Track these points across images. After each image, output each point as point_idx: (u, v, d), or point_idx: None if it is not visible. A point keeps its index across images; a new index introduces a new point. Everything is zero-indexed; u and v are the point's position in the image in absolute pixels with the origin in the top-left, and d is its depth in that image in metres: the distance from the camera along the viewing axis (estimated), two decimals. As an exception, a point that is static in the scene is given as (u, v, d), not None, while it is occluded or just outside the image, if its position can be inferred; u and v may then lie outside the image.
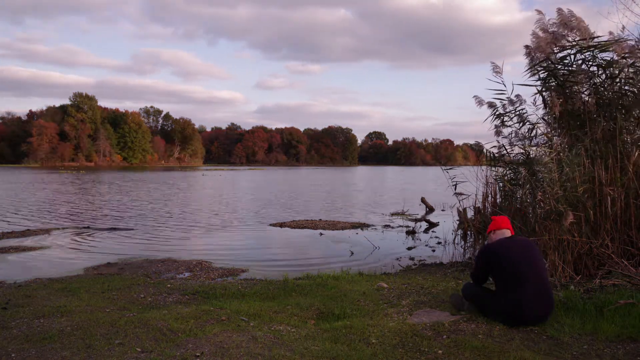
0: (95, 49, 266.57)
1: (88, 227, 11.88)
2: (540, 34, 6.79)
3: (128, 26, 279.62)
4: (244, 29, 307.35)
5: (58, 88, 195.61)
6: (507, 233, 4.28)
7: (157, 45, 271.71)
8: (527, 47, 7.02)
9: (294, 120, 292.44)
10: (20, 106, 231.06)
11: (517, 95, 7.43)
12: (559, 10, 6.62)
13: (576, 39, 6.63)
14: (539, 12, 6.86)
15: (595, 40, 6.45)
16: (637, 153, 6.11)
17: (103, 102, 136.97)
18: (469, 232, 9.87)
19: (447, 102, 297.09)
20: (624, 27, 6.54)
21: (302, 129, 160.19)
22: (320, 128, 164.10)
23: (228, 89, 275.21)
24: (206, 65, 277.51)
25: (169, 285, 5.83)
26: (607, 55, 6.47)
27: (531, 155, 6.93)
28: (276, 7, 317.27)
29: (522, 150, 7.38)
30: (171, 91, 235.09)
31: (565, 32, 6.65)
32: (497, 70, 7.27)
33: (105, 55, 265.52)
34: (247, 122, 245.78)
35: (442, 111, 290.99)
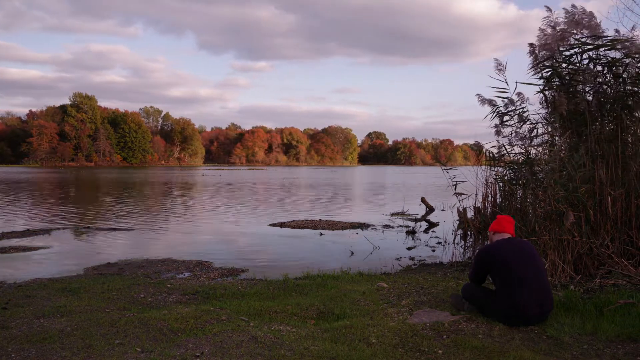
0: (28, 44, 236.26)
1: (88, 227, 11.88)
2: (549, 30, 6.69)
3: (51, 20, 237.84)
4: (180, 26, 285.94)
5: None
6: (507, 236, 4.28)
7: (95, 40, 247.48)
8: (531, 44, 6.95)
9: (271, 119, 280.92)
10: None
11: (519, 93, 7.41)
12: (571, 7, 6.48)
13: (584, 36, 6.50)
14: (548, 8, 6.78)
15: (604, 39, 6.34)
16: None
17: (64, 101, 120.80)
18: (469, 232, 9.88)
19: (431, 99, 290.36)
20: (633, 27, 6.44)
21: (301, 129, 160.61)
22: (302, 127, 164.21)
23: (197, 87, 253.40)
24: (163, 63, 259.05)
25: (169, 285, 5.83)
26: (612, 54, 6.40)
27: (531, 155, 6.92)
28: (202, 2, 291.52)
29: (522, 150, 7.38)
30: (137, 89, 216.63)
31: (575, 30, 6.52)
32: (497, 75, 7.26)
33: (40, 50, 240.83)
34: (228, 121, 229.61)
35: (432, 109, 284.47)
